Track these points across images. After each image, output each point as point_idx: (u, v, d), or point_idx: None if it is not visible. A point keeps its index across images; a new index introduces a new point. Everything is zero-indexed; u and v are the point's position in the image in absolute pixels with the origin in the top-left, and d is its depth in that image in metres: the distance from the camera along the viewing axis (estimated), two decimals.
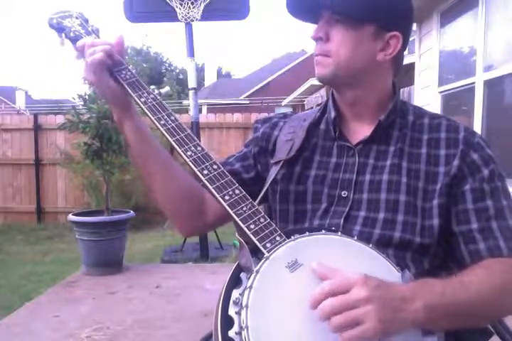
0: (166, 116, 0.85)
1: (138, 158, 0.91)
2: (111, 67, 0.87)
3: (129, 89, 0.87)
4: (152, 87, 0.93)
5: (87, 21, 0.95)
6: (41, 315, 2.88)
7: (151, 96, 0.87)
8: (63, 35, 0.93)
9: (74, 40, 0.92)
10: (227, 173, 0.82)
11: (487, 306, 0.74)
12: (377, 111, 0.90)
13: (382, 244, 0.81)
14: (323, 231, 0.76)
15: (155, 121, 0.85)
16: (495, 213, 0.82)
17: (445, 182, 0.83)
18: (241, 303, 0.66)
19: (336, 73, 0.86)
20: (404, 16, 0.89)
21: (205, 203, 0.95)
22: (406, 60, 6.21)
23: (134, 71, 0.89)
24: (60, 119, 5.90)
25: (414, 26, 5.00)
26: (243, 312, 0.65)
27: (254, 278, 0.68)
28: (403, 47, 0.88)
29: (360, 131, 0.91)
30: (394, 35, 0.85)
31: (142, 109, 0.86)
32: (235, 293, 0.69)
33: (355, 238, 0.76)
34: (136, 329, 2.63)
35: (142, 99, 0.86)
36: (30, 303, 3.11)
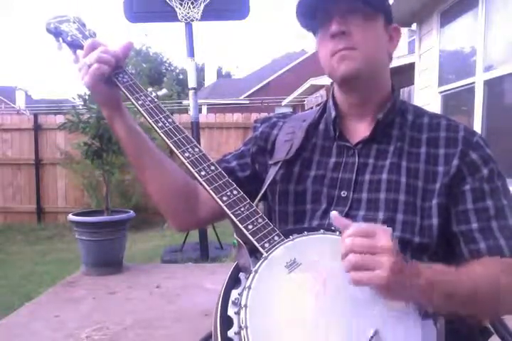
0: (163, 119, 0.86)
1: (130, 155, 0.92)
2: (109, 72, 0.87)
3: (126, 92, 0.88)
4: (149, 89, 0.93)
5: (84, 26, 0.95)
6: (41, 315, 2.88)
7: (149, 98, 0.88)
8: (61, 39, 0.94)
9: (71, 45, 0.93)
10: (224, 174, 0.83)
11: (485, 297, 0.74)
12: (377, 110, 0.90)
13: None
14: (322, 230, 0.76)
15: (152, 124, 0.85)
16: (495, 213, 0.82)
17: (444, 182, 0.83)
18: (240, 303, 0.66)
19: (366, 65, 0.84)
20: (390, 8, 0.92)
21: (200, 199, 0.96)
22: (406, 60, 6.22)
23: (131, 74, 0.89)
24: (60, 119, 5.90)
25: (414, 26, 5.00)
26: (242, 312, 0.65)
27: (253, 278, 0.68)
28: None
29: (360, 130, 0.91)
30: (395, 27, 0.89)
31: (140, 111, 0.87)
32: (234, 293, 0.69)
33: None
34: (136, 329, 2.63)
35: (139, 102, 0.87)
36: (30, 303, 3.11)
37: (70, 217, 3.78)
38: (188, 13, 4.15)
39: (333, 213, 0.70)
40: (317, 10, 0.86)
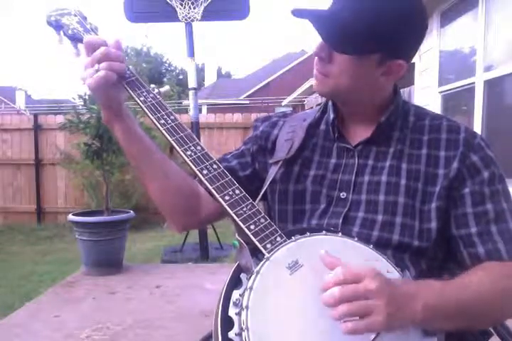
0: (165, 116, 0.84)
1: (129, 156, 0.90)
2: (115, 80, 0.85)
3: (128, 88, 0.85)
4: (152, 85, 0.91)
5: (85, 19, 0.94)
6: (41, 315, 2.88)
7: (151, 95, 0.86)
8: (61, 32, 0.92)
9: (72, 38, 0.91)
10: (227, 173, 0.82)
11: (486, 308, 0.74)
12: (378, 113, 0.89)
13: (381, 246, 0.80)
14: (324, 231, 0.76)
15: (154, 121, 0.84)
16: (495, 216, 0.82)
17: (444, 185, 0.83)
18: (241, 304, 0.66)
19: (335, 93, 0.86)
20: (411, 45, 0.85)
21: (200, 200, 0.95)
22: None
23: (133, 70, 0.87)
24: (60, 119, 5.88)
25: None
26: (243, 314, 0.65)
27: (255, 279, 0.68)
28: (407, 70, 0.85)
29: (360, 132, 0.91)
30: (398, 64, 0.82)
31: (141, 108, 0.85)
32: (235, 294, 0.69)
33: (356, 239, 0.76)
34: (136, 329, 2.63)
35: (141, 98, 0.85)
36: (30, 303, 3.11)
37: (70, 217, 3.78)
38: (189, 13, 4.15)
39: (321, 252, 0.69)
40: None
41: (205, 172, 0.81)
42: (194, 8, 4.14)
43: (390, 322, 0.63)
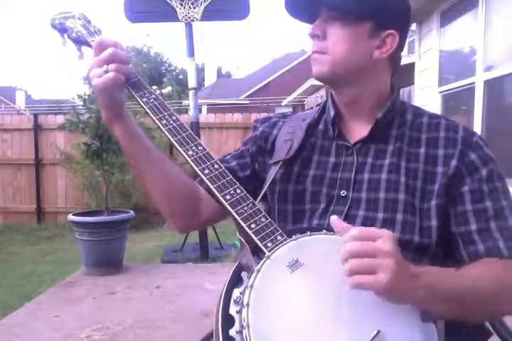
0: (167, 116, 0.85)
1: (130, 156, 0.91)
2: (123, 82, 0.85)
3: (130, 89, 0.86)
4: (154, 87, 0.91)
5: (89, 22, 0.94)
6: (41, 315, 2.89)
7: (153, 96, 0.87)
8: (65, 35, 0.93)
9: (76, 41, 0.92)
10: (228, 173, 0.83)
11: (484, 297, 0.74)
12: (375, 110, 0.90)
13: None
14: (324, 231, 0.76)
15: (156, 121, 0.85)
16: (494, 214, 0.82)
17: (443, 183, 0.83)
18: (242, 302, 0.67)
19: (333, 70, 0.86)
20: (401, 15, 0.90)
21: (200, 201, 0.95)
22: (406, 60, 6.24)
23: (135, 71, 0.88)
24: (60, 119, 5.88)
25: (414, 26, 5.00)
26: (244, 311, 0.65)
27: (255, 277, 0.68)
28: (400, 47, 0.88)
29: (359, 130, 0.91)
30: (390, 33, 0.85)
31: (144, 109, 0.86)
32: (236, 292, 0.69)
33: None
34: (136, 329, 2.63)
35: (144, 99, 0.86)
36: (30, 303, 3.12)
37: (70, 217, 3.78)
38: (189, 13, 4.16)
39: (333, 218, 0.69)
40: (304, 11, 0.89)
41: (206, 171, 0.81)
42: (194, 8, 4.15)
43: (395, 286, 0.62)
